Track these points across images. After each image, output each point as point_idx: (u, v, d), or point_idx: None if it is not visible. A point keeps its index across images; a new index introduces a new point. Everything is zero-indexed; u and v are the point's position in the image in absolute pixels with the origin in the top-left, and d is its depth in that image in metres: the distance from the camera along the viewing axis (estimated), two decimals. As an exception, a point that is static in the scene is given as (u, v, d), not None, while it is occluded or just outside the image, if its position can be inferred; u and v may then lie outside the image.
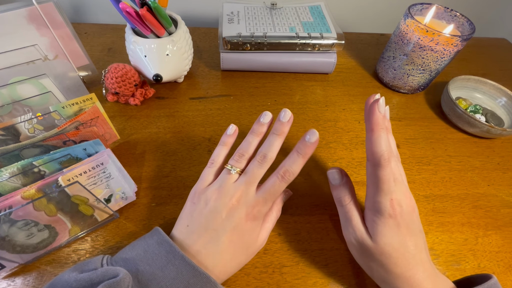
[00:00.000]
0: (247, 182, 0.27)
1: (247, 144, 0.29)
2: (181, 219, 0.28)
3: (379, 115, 0.24)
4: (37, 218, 0.26)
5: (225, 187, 0.27)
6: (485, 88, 0.50)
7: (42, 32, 0.38)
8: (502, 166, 0.42)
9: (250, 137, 0.29)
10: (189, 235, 0.26)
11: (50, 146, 0.30)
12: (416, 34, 0.43)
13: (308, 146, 0.26)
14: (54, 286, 0.22)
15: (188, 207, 0.28)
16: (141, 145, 0.39)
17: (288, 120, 0.28)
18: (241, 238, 0.26)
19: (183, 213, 0.28)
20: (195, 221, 0.27)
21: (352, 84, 0.52)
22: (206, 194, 0.27)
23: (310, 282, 0.29)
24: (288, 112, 0.28)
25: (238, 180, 0.27)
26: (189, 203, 0.28)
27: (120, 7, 0.35)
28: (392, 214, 0.25)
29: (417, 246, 0.25)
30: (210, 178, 0.29)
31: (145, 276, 0.23)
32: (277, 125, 0.28)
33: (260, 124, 0.29)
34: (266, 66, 0.51)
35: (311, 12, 0.54)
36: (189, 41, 0.45)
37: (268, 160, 0.27)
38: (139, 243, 0.26)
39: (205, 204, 0.27)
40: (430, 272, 0.25)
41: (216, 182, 0.28)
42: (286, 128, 0.28)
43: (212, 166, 0.29)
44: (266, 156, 0.27)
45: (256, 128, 0.29)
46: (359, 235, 0.26)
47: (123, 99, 0.44)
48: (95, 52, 0.52)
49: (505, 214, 0.36)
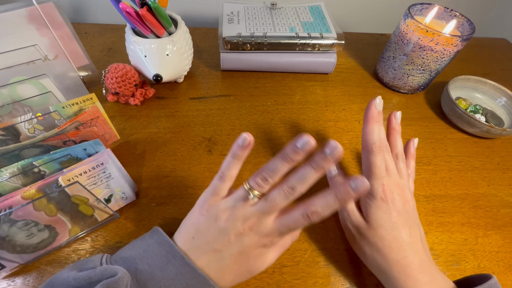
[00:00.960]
0: (265, 211, 0.23)
1: (274, 169, 0.23)
2: (186, 226, 0.26)
3: (375, 110, 0.29)
4: (37, 218, 0.26)
5: (239, 209, 0.24)
6: (485, 88, 0.50)
7: (42, 32, 0.38)
8: (502, 166, 0.42)
9: (279, 163, 0.23)
10: (193, 249, 0.24)
11: (50, 146, 0.30)
12: (416, 34, 0.43)
13: (350, 193, 0.21)
14: (52, 284, 0.22)
15: (195, 216, 0.26)
16: (141, 145, 0.39)
17: (334, 156, 0.22)
18: (246, 263, 0.25)
19: (189, 220, 0.26)
20: (201, 236, 0.25)
21: (352, 84, 0.52)
22: (217, 210, 0.25)
23: (310, 282, 0.29)
24: (337, 147, 0.21)
25: (256, 205, 0.24)
26: (197, 212, 0.26)
27: (120, 7, 0.35)
28: (384, 199, 0.27)
29: (412, 235, 0.26)
30: (223, 193, 0.25)
31: (144, 275, 0.23)
32: (318, 158, 0.22)
33: (296, 152, 0.23)
34: (266, 66, 0.51)
35: (311, 12, 0.54)
36: (189, 41, 0.45)
37: (296, 194, 0.23)
38: (138, 242, 0.26)
39: (215, 220, 0.24)
40: (428, 266, 0.25)
41: (231, 199, 0.25)
42: (328, 165, 0.22)
43: (223, 181, 0.25)
44: (295, 189, 0.23)
45: (290, 153, 0.23)
46: (354, 219, 0.28)
47: (123, 99, 0.44)
48: (95, 52, 0.52)
49: (505, 214, 0.36)
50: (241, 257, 0.24)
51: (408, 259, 0.25)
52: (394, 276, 0.25)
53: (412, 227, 0.27)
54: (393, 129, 0.32)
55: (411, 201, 0.29)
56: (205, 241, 0.24)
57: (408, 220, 0.27)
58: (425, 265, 0.26)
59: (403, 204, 0.27)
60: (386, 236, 0.26)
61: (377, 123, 0.29)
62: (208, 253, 0.24)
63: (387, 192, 0.27)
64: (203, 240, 0.24)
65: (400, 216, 0.27)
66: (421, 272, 0.25)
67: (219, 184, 0.25)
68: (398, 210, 0.27)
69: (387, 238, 0.26)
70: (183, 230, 0.26)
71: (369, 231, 0.27)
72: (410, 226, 0.27)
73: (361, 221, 0.28)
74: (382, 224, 0.26)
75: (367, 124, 0.29)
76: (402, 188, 0.28)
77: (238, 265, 0.24)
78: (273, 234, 0.24)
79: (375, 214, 0.27)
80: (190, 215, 0.26)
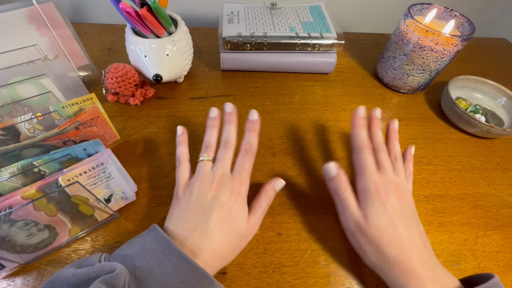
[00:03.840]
0: (222, 166, 0.30)
1: (208, 136, 0.32)
2: (170, 214, 0.29)
3: (359, 117, 0.32)
4: (37, 218, 0.26)
5: (204, 174, 0.30)
6: (485, 88, 0.50)
7: (42, 32, 0.38)
8: (502, 166, 0.42)
9: (208, 131, 0.33)
10: (179, 223, 0.27)
11: (50, 146, 0.30)
12: (416, 34, 0.43)
13: (254, 123, 0.32)
14: (53, 282, 0.22)
15: (174, 202, 0.30)
16: (141, 145, 0.39)
17: (232, 111, 0.33)
18: (229, 214, 0.27)
19: (171, 208, 0.30)
20: (183, 210, 0.28)
21: (352, 84, 0.52)
22: (189, 186, 0.29)
23: (310, 282, 0.29)
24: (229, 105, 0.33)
25: (213, 167, 0.30)
26: (174, 199, 0.30)
27: (120, 7, 0.35)
28: (377, 194, 0.28)
29: (409, 230, 0.27)
30: (186, 174, 0.31)
31: (142, 271, 0.23)
32: (226, 116, 0.33)
33: (212, 119, 0.33)
34: (266, 66, 0.51)
35: (311, 12, 0.54)
36: (189, 41, 0.45)
37: (231, 144, 0.31)
38: (136, 240, 0.26)
39: (190, 193, 0.29)
40: (428, 261, 0.26)
41: (195, 174, 0.30)
42: (234, 117, 0.33)
43: (180, 165, 0.32)
44: (228, 141, 0.31)
45: (210, 123, 0.33)
46: (355, 217, 0.28)
47: (123, 99, 0.44)
48: (95, 52, 0.52)
49: (505, 214, 0.36)
50: (223, 209, 0.27)
51: (407, 254, 0.25)
52: (394, 272, 0.26)
53: (409, 222, 0.27)
54: (391, 134, 0.34)
55: (408, 198, 0.29)
56: (188, 211, 0.28)
57: (403, 215, 0.27)
58: (425, 260, 0.26)
59: (398, 200, 0.28)
60: (383, 231, 0.26)
61: (362, 126, 0.32)
62: (193, 219, 0.27)
63: (379, 188, 0.28)
64: (185, 212, 0.28)
65: (394, 211, 0.27)
66: (421, 268, 0.25)
67: (179, 169, 0.31)
68: (393, 205, 0.27)
69: (384, 234, 0.26)
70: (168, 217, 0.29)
71: (368, 228, 0.27)
72: (406, 220, 0.27)
73: (361, 219, 0.28)
74: (378, 219, 0.27)
75: (354, 128, 0.32)
76: (397, 184, 0.29)
77: (223, 218, 0.27)
78: (237, 181, 0.29)
79: (371, 210, 0.27)
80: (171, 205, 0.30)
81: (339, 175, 0.30)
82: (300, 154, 0.40)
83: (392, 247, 0.26)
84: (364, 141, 0.31)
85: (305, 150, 0.41)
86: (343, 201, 0.29)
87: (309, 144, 0.42)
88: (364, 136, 0.31)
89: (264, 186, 0.32)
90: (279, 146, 0.41)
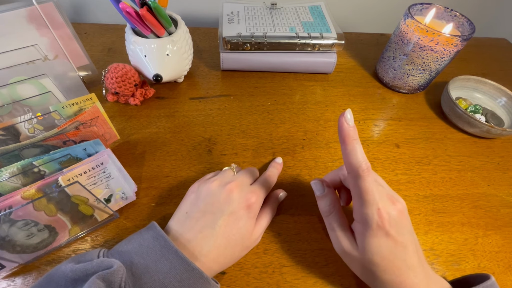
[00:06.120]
0: (244, 175, 0.31)
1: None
2: (179, 208, 0.29)
3: (348, 127, 0.23)
4: (37, 218, 0.26)
5: (224, 175, 0.30)
6: (485, 88, 0.50)
7: (42, 32, 0.38)
8: (502, 166, 0.42)
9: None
10: (186, 221, 0.27)
11: (50, 146, 0.30)
12: (416, 34, 0.43)
13: (279, 165, 0.37)
14: (51, 277, 0.22)
15: (187, 197, 0.30)
16: (141, 145, 0.39)
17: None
18: (236, 224, 0.27)
19: (183, 203, 0.30)
20: (194, 207, 0.28)
21: (352, 84, 0.52)
22: (206, 184, 0.30)
23: (310, 282, 0.29)
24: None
25: (236, 174, 0.31)
26: (189, 193, 0.30)
27: (120, 7, 0.35)
28: (381, 224, 0.24)
29: (406, 250, 0.24)
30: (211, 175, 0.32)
31: (139, 269, 0.23)
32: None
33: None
34: (266, 66, 0.51)
35: (311, 12, 0.54)
36: (189, 41, 0.45)
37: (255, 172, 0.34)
38: (135, 237, 0.26)
39: (206, 191, 0.29)
40: (422, 275, 0.24)
41: (218, 174, 0.31)
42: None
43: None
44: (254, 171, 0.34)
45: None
46: (345, 246, 0.26)
47: (123, 99, 0.44)
48: (95, 52, 0.52)
49: (505, 214, 0.36)
50: (232, 217, 0.27)
51: (403, 276, 0.24)
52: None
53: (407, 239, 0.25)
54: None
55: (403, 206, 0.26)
56: (198, 209, 0.28)
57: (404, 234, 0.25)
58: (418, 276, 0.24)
59: (399, 219, 0.25)
60: (381, 262, 0.24)
61: (355, 140, 0.24)
62: (201, 219, 0.27)
63: (383, 216, 0.24)
64: (196, 209, 0.28)
65: (398, 234, 0.24)
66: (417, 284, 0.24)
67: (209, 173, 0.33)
68: (396, 229, 0.24)
69: (381, 264, 0.24)
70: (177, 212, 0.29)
71: (363, 260, 0.25)
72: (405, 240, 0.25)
73: (352, 249, 0.26)
74: (378, 252, 0.24)
75: (346, 145, 0.24)
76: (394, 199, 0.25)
77: (230, 227, 0.27)
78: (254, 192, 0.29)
79: (371, 244, 0.24)
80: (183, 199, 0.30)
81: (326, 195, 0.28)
82: (300, 154, 0.40)
83: (387, 273, 0.24)
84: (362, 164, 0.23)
85: (305, 150, 0.41)
86: (330, 225, 0.28)
87: (309, 144, 0.42)
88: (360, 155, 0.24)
89: (269, 197, 0.32)
90: (279, 146, 0.41)
